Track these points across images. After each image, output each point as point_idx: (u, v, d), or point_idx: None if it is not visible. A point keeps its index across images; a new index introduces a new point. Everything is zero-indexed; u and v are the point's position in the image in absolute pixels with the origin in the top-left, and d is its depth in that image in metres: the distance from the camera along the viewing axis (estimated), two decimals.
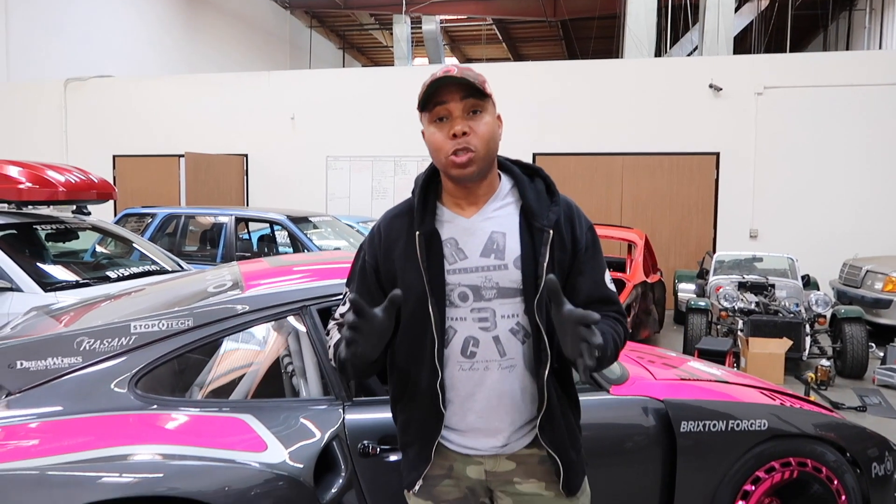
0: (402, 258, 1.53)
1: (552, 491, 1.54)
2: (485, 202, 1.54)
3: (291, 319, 2.33)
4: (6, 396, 2.12)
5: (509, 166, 1.61)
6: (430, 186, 1.57)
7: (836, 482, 2.63)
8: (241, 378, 2.29)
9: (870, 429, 2.89)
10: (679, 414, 2.46)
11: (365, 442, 2.09)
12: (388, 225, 1.59)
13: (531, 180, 1.58)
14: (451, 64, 1.42)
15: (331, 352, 1.59)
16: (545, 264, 1.47)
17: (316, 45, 21.26)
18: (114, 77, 12.35)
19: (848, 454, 2.70)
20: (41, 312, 2.88)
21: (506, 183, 1.58)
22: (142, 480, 1.86)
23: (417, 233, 1.50)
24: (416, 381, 1.53)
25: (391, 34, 19.72)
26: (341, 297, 1.68)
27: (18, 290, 4.15)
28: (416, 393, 1.53)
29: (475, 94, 1.45)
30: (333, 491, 2.05)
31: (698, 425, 2.47)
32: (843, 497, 2.64)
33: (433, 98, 1.45)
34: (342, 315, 1.61)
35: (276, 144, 11.27)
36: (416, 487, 1.57)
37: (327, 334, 1.65)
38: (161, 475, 1.88)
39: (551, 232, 1.50)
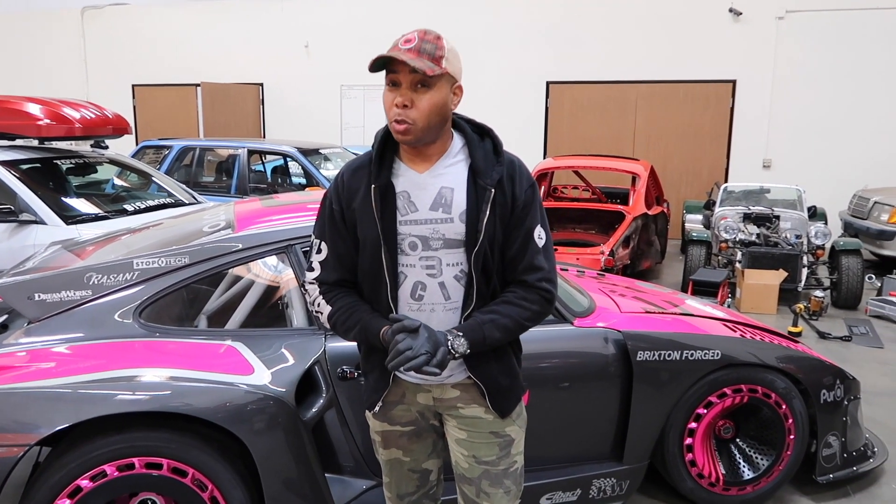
0: (360, 208, 1.70)
1: (490, 415, 1.77)
2: (437, 159, 1.70)
3: (278, 257, 2.56)
4: (27, 325, 2.41)
5: (462, 125, 1.75)
6: (388, 142, 1.73)
7: (784, 407, 2.86)
8: (234, 309, 2.55)
9: (828, 360, 3.09)
10: (636, 344, 2.67)
11: (344, 367, 2.34)
12: (350, 176, 1.75)
13: (481, 139, 1.74)
14: (414, 31, 1.47)
15: (323, 319, 1.76)
16: (485, 220, 1.65)
17: None
18: (129, 4, 12.33)
19: (801, 383, 2.91)
20: (61, 247, 3.15)
21: (457, 141, 1.73)
22: (146, 398, 2.14)
23: (373, 186, 1.68)
24: None
25: None
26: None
27: (42, 223, 4.43)
28: None
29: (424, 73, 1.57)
30: (314, 410, 2.33)
31: (654, 355, 2.69)
32: (791, 420, 2.87)
33: (388, 64, 1.60)
34: (316, 279, 1.77)
35: (291, 73, 11.30)
36: (376, 409, 1.81)
37: (312, 304, 1.81)
38: (162, 394, 2.16)
39: (493, 191, 1.66)
